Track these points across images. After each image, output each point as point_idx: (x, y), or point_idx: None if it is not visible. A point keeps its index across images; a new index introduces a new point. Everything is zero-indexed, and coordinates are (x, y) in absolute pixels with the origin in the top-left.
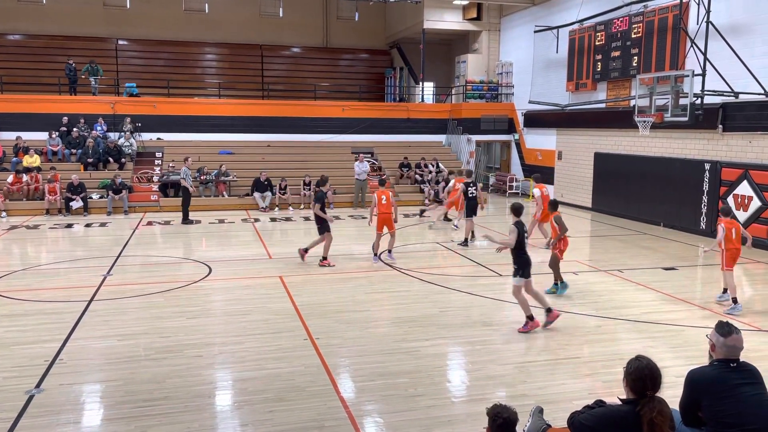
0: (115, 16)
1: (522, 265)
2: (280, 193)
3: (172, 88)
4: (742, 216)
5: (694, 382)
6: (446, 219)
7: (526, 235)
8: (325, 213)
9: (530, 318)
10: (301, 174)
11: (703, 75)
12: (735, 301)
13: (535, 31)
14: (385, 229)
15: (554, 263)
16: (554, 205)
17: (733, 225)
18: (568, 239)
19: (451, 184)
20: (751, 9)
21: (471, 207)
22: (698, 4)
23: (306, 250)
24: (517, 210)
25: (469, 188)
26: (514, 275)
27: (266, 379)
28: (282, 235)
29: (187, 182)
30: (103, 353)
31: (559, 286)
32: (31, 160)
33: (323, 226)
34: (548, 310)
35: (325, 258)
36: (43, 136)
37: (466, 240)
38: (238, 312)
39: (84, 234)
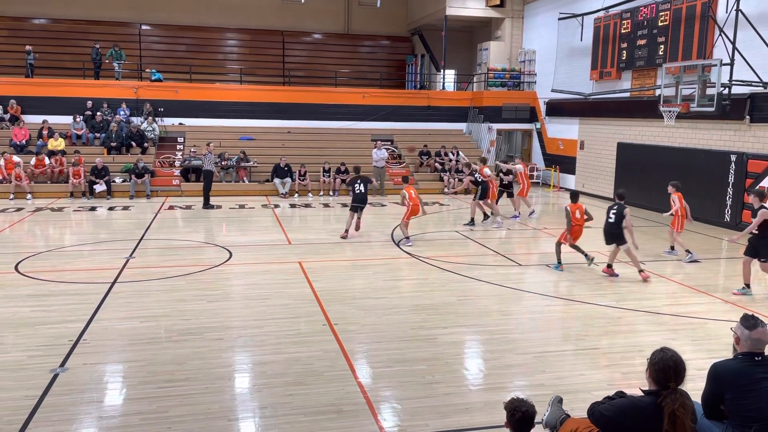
0: (139, 0)
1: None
2: (299, 179)
3: (194, 73)
4: None
5: (718, 375)
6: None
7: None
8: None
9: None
10: (321, 160)
11: (732, 64)
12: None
13: (560, 19)
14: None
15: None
16: (575, 196)
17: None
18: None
19: (518, 167)
20: None
21: (483, 191)
22: None
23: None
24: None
25: (476, 174)
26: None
27: (285, 363)
28: (301, 221)
29: (211, 166)
30: (126, 334)
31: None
32: (56, 143)
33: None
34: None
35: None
36: (67, 119)
37: (472, 220)
38: (258, 296)
39: (107, 217)
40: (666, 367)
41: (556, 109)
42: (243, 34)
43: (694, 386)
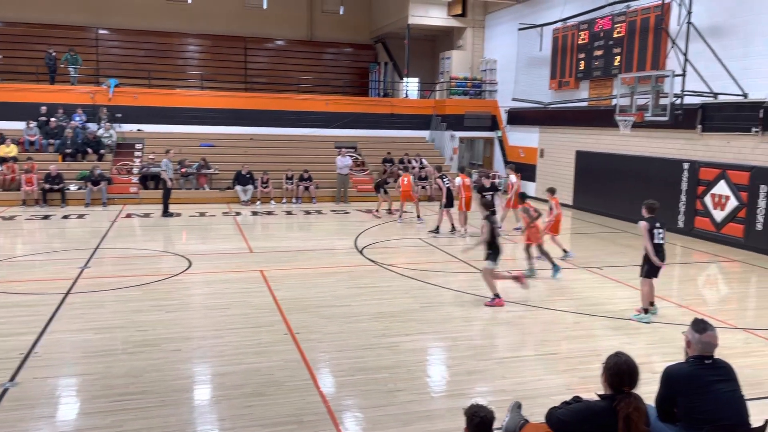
0: (96, 4)
1: (494, 252)
2: (261, 186)
3: (153, 79)
4: (719, 215)
5: (670, 378)
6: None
7: (499, 227)
8: None
9: (497, 296)
10: (284, 167)
11: (684, 75)
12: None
13: (520, 29)
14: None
15: (533, 249)
16: (523, 197)
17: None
18: (538, 225)
19: (512, 178)
20: (730, 11)
21: (451, 198)
22: (680, 6)
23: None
24: (486, 205)
25: (445, 180)
26: (486, 258)
27: (245, 374)
28: (263, 229)
29: (167, 175)
30: (80, 347)
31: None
32: (8, 149)
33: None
34: (495, 296)
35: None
36: (20, 125)
37: (437, 228)
38: (218, 306)
39: (61, 226)
40: (620, 372)
41: (517, 117)
42: (204, 39)
43: (650, 389)
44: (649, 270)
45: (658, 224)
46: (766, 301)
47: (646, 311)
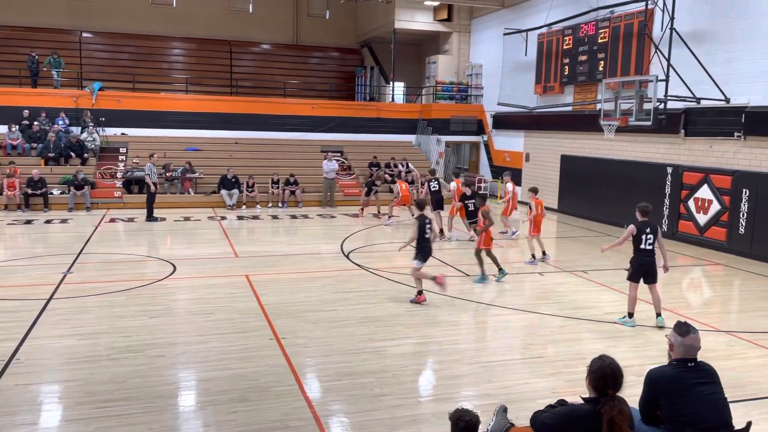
0: (80, 7)
1: (422, 251)
2: (247, 191)
3: (138, 82)
4: (702, 219)
5: (653, 381)
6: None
7: (428, 227)
8: None
9: (420, 293)
10: (270, 172)
11: (667, 80)
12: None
13: (505, 34)
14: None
15: (482, 255)
16: (484, 198)
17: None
18: (491, 232)
19: (510, 187)
20: (713, 17)
21: (436, 201)
22: (663, 12)
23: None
24: (420, 205)
25: (431, 183)
26: (414, 258)
27: (230, 380)
28: (249, 233)
29: (152, 179)
30: (62, 353)
31: (499, 273)
32: None
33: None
34: (419, 292)
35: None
36: (2, 129)
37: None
38: (203, 311)
39: (44, 231)
40: (605, 375)
41: (503, 122)
42: (189, 43)
43: (634, 392)
44: (631, 274)
45: (648, 229)
46: (748, 304)
47: (630, 315)
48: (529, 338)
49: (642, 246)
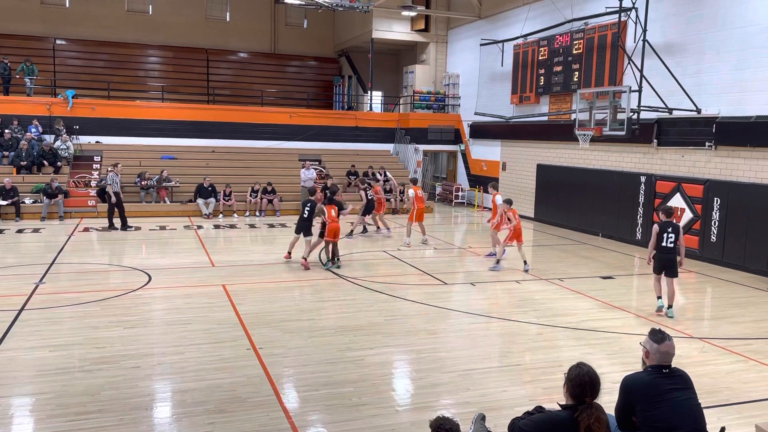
0: (53, 14)
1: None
2: (224, 199)
3: (113, 90)
4: None
5: (629, 387)
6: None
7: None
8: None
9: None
10: (247, 180)
11: (640, 91)
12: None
13: (481, 44)
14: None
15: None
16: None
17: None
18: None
19: (499, 200)
20: (684, 30)
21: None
22: (635, 24)
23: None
24: (310, 191)
25: (368, 192)
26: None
27: (207, 391)
28: (226, 242)
29: (114, 189)
30: (34, 365)
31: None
32: None
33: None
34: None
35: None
36: None
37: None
38: (179, 321)
39: (16, 240)
40: (582, 383)
41: (480, 131)
42: (165, 51)
43: (610, 399)
44: (654, 268)
45: (670, 229)
46: (721, 311)
47: (659, 298)
48: (507, 346)
49: (663, 243)
